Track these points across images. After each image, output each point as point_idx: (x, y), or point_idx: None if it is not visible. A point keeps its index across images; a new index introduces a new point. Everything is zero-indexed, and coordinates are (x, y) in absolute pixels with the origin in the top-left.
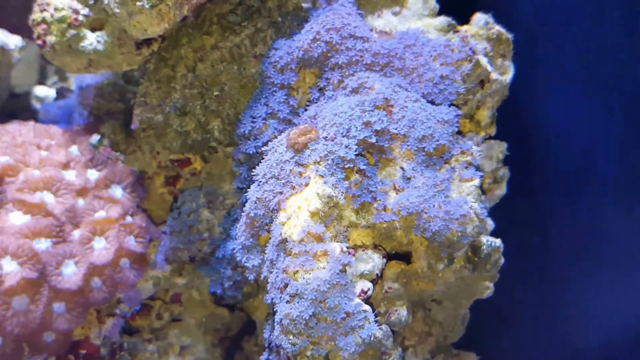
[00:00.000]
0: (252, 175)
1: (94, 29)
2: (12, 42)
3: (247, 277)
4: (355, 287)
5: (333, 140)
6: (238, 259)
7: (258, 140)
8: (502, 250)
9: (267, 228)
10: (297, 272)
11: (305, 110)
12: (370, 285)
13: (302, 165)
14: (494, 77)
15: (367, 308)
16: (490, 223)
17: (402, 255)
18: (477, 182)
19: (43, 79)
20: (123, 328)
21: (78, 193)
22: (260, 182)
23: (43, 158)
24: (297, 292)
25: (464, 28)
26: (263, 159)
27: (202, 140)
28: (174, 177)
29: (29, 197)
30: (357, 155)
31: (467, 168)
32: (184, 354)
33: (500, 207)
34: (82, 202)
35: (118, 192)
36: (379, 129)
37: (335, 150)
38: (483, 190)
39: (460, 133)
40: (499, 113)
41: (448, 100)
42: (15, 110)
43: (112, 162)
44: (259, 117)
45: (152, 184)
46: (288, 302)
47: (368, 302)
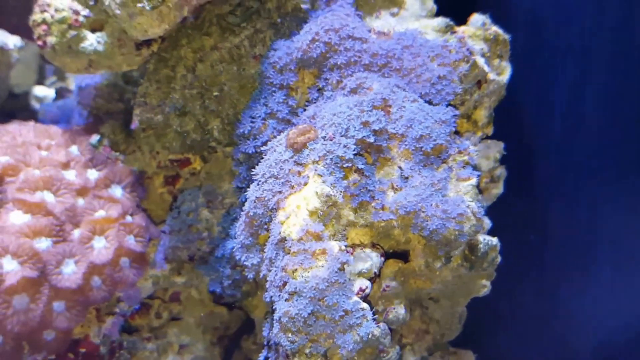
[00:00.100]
0: (251, 175)
1: (94, 30)
2: (11, 42)
3: (246, 275)
4: (354, 285)
5: (332, 140)
6: (237, 258)
7: (257, 140)
8: (499, 249)
9: (266, 227)
10: (295, 270)
11: (304, 111)
12: (369, 284)
13: (301, 165)
14: (491, 77)
15: (365, 306)
16: (487, 222)
17: (400, 254)
18: (474, 181)
19: (42, 79)
20: (122, 327)
21: (78, 193)
22: (260, 181)
23: (43, 158)
24: (295, 290)
25: (462, 29)
26: (262, 159)
27: (201, 140)
28: (174, 176)
29: (29, 196)
30: (355, 155)
31: (464, 167)
32: (183, 353)
33: (498, 206)
34: (82, 201)
35: (118, 191)
36: (377, 129)
37: (334, 150)
38: (480, 190)
39: (458, 133)
40: (496, 113)
41: (445, 101)
42: (14, 110)
43: (111, 162)
44: (258, 117)
45: (151, 184)
46: (287, 300)
47: (366, 300)
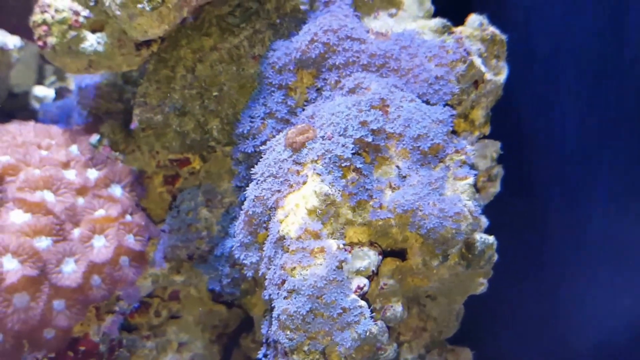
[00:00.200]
0: (250, 174)
1: (94, 31)
2: (11, 42)
3: (245, 274)
4: (352, 283)
5: (330, 140)
6: (236, 256)
7: (256, 140)
8: (495, 247)
9: (265, 226)
10: (294, 268)
11: (303, 110)
12: (366, 282)
13: (299, 164)
14: (488, 77)
15: (363, 304)
16: (484, 220)
17: (397, 252)
18: (471, 180)
19: (41, 79)
20: (122, 325)
21: (78, 192)
22: (259, 180)
23: (43, 157)
24: (294, 288)
25: (459, 29)
26: (261, 158)
27: (201, 140)
28: (173, 176)
29: (30, 196)
30: (353, 154)
31: (461, 166)
32: (182, 351)
33: (495, 205)
34: (82, 200)
35: (117, 191)
36: (375, 128)
37: (333, 149)
38: (477, 189)
39: (455, 132)
40: (493, 113)
41: (443, 100)
42: (14, 110)
43: (111, 161)
44: (258, 116)
45: (151, 183)
46: (285, 298)
47: (364, 298)
